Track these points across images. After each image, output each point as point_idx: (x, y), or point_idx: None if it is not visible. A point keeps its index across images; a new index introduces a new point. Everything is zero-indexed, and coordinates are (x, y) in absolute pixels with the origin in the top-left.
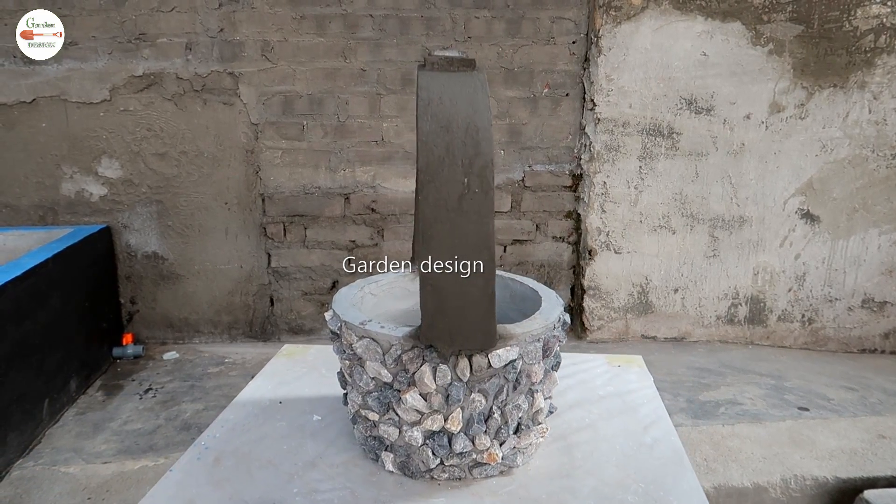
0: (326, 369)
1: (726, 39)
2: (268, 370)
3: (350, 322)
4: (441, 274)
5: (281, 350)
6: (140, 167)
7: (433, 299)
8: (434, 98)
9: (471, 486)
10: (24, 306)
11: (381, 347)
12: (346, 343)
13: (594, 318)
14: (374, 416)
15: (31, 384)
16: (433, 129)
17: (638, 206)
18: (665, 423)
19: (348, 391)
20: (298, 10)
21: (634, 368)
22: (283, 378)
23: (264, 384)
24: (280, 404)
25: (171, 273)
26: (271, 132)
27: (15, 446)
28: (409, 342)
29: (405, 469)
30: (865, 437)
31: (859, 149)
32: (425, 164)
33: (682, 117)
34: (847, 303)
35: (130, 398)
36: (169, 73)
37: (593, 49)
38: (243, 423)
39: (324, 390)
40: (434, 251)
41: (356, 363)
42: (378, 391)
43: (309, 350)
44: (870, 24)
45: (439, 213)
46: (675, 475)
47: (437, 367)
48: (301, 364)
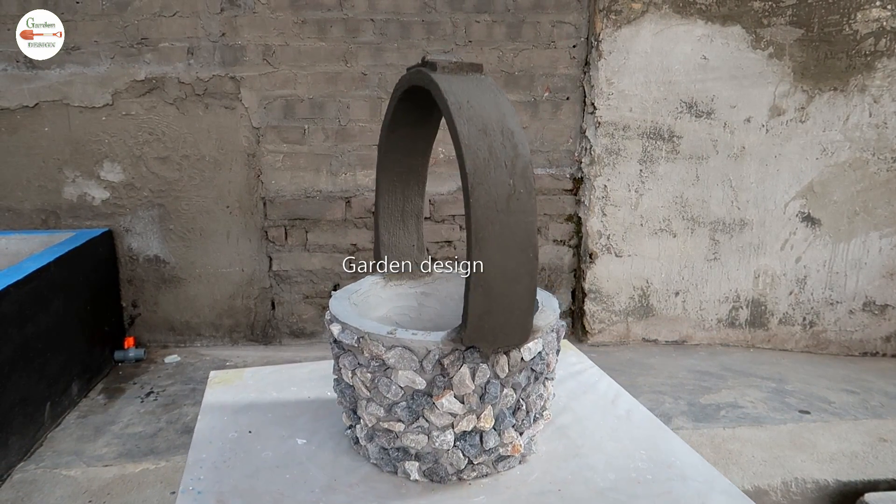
0: (276, 391)
1: (726, 43)
2: (210, 402)
3: (375, 333)
4: (493, 275)
5: (211, 379)
6: (142, 171)
7: (483, 300)
8: (463, 101)
9: (500, 480)
10: (27, 310)
11: (417, 354)
12: (369, 355)
13: (595, 322)
14: (399, 427)
15: (33, 387)
16: (472, 133)
17: (638, 210)
18: (625, 395)
19: (365, 406)
20: (300, 14)
21: (569, 351)
22: (234, 407)
23: (216, 416)
24: (251, 434)
25: (173, 276)
26: (273, 136)
27: (17, 449)
28: (449, 346)
29: (433, 475)
30: (866, 440)
31: (860, 152)
32: (473, 167)
33: (682, 121)
34: (848, 306)
35: (132, 401)
36: (171, 77)
37: (594, 53)
38: (223, 460)
39: (287, 412)
40: (486, 252)
41: (381, 374)
42: (407, 400)
43: (242, 374)
44: (870, 27)
45: (490, 214)
46: (663, 438)
47: (478, 368)
48: (242, 390)
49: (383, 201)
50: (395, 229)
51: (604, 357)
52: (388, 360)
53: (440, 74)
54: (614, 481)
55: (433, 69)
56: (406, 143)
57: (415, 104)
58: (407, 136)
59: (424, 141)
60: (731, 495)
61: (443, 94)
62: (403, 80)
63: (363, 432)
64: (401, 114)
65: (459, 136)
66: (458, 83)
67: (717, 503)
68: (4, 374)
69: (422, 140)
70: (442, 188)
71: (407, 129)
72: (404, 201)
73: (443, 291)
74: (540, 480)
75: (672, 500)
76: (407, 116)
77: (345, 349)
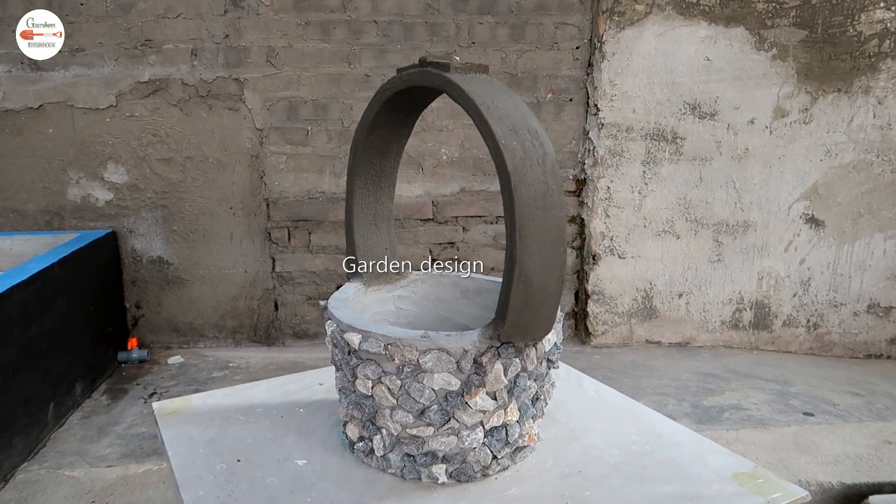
0: (241, 414)
1: (730, 44)
2: (173, 435)
3: (406, 338)
4: (531, 269)
5: (159, 411)
6: (146, 172)
7: (523, 295)
8: (488, 102)
9: (521, 471)
10: (31, 311)
11: (453, 355)
12: (399, 361)
13: (598, 323)
14: (428, 432)
15: (37, 388)
16: (506, 133)
17: (642, 211)
18: (586, 377)
19: (390, 414)
20: (303, 16)
21: None
22: (203, 437)
23: (189, 449)
24: (241, 462)
25: (176, 278)
26: (276, 137)
27: (20, 449)
28: (486, 343)
29: (460, 475)
30: (871, 442)
31: (864, 153)
32: (513, 166)
33: (685, 122)
34: (852, 308)
35: (135, 402)
36: (175, 79)
37: (597, 54)
38: (227, 494)
39: (267, 434)
40: (527, 248)
41: (412, 380)
42: (440, 403)
43: (192, 401)
44: (874, 28)
45: (530, 211)
46: (640, 412)
47: (511, 362)
48: (202, 417)
49: (357, 205)
50: (368, 233)
51: (607, 359)
52: (425, 364)
53: (457, 75)
54: (621, 456)
55: (445, 69)
56: (382, 145)
57: (399, 105)
58: (384, 137)
59: (398, 143)
60: (723, 454)
61: (468, 94)
62: (397, 81)
63: (384, 442)
64: (384, 115)
65: (496, 137)
66: (476, 84)
67: (716, 462)
68: (8, 374)
69: (396, 142)
70: (445, 189)
71: (385, 131)
72: (376, 204)
73: (419, 294)
74: (557, 465)
75: (677, 466)
76: (388, 118)
77: (364, 359)
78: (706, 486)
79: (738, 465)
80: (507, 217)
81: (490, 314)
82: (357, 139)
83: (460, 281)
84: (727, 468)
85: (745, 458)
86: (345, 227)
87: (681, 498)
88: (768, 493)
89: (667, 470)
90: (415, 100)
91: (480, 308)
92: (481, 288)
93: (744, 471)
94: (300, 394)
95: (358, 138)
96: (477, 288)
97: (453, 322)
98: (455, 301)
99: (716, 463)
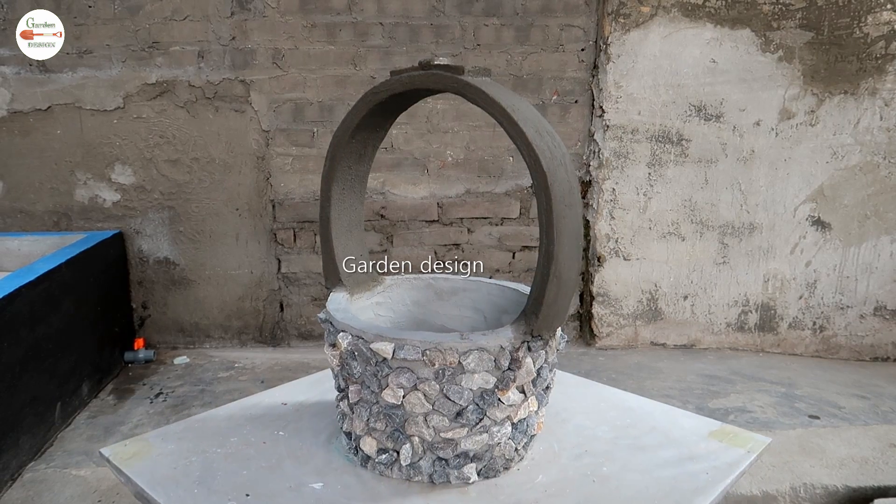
0: (217, 445)
1: (735, 46)
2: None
3: (446, 342)
4: (563, 264)
5: (117, 456)
6: (152, 174)
7: (555, 288)
8: (513, 105)
9: (535, 460)
10: (38, 311)
11: (492, 353)
12: (439, 365)
13: (603, 325)
14: (462, 433)
15: (44, 388)
16: (534, 134)
17: (647, 213)
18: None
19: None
20: (309, 18)
21: None
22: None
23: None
24: (250, 497)
25: (183, 278)
26: (282, 139)
27: (27, 449)
28: (520, 338)
29: (489, 472)
30: (877, 445)
31: (870, 155)
32: (547, 166)
33: (691, 124)
34: (859, 310)
35: (141, 402)
36: (181, 80)
37: (602, 56)
38: None
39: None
40: (561, 244)
41: (451, 383)
42: (476, 403)
43: (148, 440)
44: (881, 30)
45: (562, 209)
46: (601, 390)
47: (539, 355)
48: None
49: (334, 212)
50: (345, 241)
51: (612, 361)
52: (468, 365)
53: (475, 78)
54: (611, 431)
55: (459, 72)
56: (360, 149)
57: (389, 108)
58: (363, 141)
59: (374, 147)
60: (691, 417)
61: (492, 97)
62: (396, 84)
63: (416, 449)
64: (369, 118)
65: (528, 138)
66: (492, 87)
67: (689, 425)
68: (16, 374)
69: (372, 146)
70: (450, 191)
71: (366, 134)
72: (350, 211)
73: (394, 299)
74: (564, 449)
75: (662, 433)
76: (373, 121)
77: (395, 367)
78: (694, 445)
79: (708, 425)
80: (543, 215)
81: (466, 313)
82: (338, 143)
83: (434, 283)
84: (701, 428)
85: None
86: (320, 237)
87: (681, 459)
88: (743, 444)
89: (656, 438)
90: (403, 103)
91: (456, 308)
92: (456, 288)
93: (715, 429)
94: (267, 417)
95: (339, 142)
96: (451, 288)
97: (430, 324)
98: (430, 303)
99: (690, 426)
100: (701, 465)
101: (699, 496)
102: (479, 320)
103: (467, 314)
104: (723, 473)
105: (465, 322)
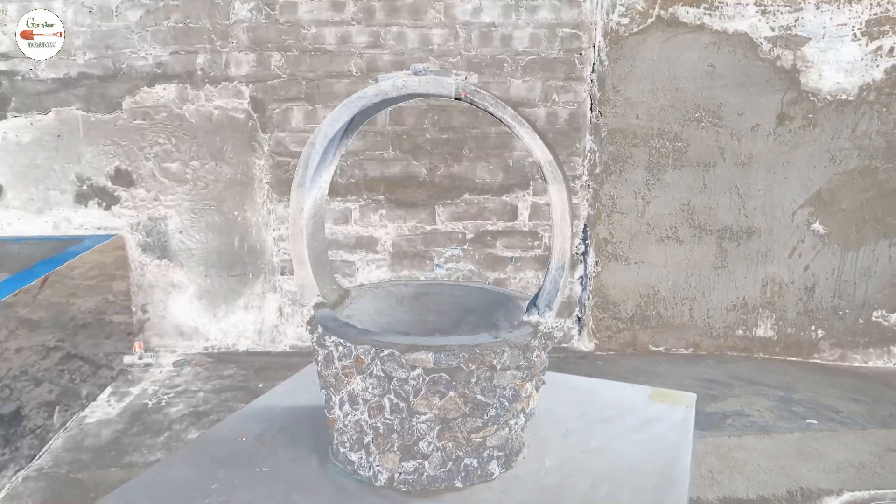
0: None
1: (733, 51)
2: None
3: (483, 343)
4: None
5: None
6: (153, 177)
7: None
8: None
9: (538, 444)
10: (38, 314)
11: (521, 349)
12: (477, 367)
13: (601, 329)
14: (490, 430)
15: (43, 390)
16: None
17: (645, 217)
18: None
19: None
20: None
21: None
22: None
23: None
24: None
25: (182, 282)
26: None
27: (26, 452)
28: (538, 332)
29: (507, 464)
30: (874, 449)
31: (869, 160)
32: None
33: (689, 128)
34: (857, 314)
35: (140, 405)
36: (184, 86)
37: (600, 60)
38: None
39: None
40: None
41: (489, 383)
42: (506, 399)
43: None
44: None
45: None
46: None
47: (547, 346)
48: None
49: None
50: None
51: (610, 365)
52: (504, 364)
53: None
54: (576, 410)
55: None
56: (333, 157)
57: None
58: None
59: (340, 154)
60: (626, 386)
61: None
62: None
63: (443, 454)
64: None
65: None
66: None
67: (629, 393)
68: (15, 377)
69: (340, 153)
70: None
71: (346, 140)
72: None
73: (360, 310)
74: (553, 431)
75: (615, 404)
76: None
77: (430, 375)
78: (644, 410)
79: (643, 390)
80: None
81: (427, 316)
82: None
83: (394, 290)
84: (640, 393)
85: (746, 465)
86: (293, 252)
87: (644, 423)
88: (677, 402)
89: (613, 410)
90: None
91: (418, 312)
92: (417, 293)
93: (651, 392)
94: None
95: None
96: (412, 293)
97: (394, 331)
98: (391, 310)
99: (629, 394)
100: (662, 425)
101: (681, 449)
102: (443, 322)
103: (431, 318)
104: (683, 428)
105: (429, 325)
